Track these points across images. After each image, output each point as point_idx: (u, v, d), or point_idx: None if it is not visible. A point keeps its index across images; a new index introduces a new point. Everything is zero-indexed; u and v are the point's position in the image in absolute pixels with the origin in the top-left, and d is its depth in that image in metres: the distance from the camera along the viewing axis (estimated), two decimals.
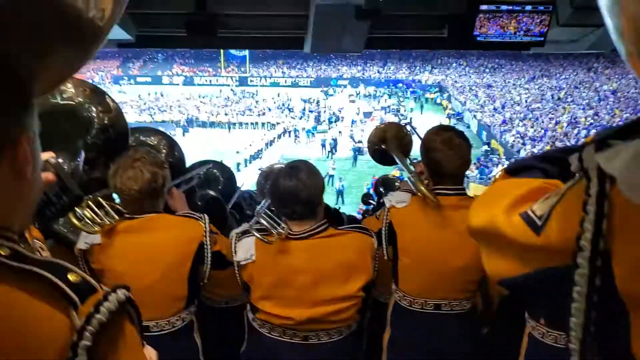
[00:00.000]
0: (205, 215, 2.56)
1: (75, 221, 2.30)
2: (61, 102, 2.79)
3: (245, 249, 2.39)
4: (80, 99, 2.82)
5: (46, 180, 1.27)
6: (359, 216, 17.69)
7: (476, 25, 8.08)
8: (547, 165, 1.15)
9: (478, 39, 8.17)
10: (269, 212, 2.45)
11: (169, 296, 2.45)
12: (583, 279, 0.85)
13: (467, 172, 2.63)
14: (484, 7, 7.93)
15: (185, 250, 2.45)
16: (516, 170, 1.23)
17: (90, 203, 2.39)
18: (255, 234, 2.34)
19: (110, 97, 2.98)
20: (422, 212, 2.58)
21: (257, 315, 2.43)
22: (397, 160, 3.40)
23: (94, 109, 2.85)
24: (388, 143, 3.54)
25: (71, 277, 0.86)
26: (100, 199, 2.45)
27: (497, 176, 1.30)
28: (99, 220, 2.36)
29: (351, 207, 22.73)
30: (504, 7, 7.89)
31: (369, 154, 3.78)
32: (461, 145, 2.54)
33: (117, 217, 2.44)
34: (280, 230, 2.34)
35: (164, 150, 3.91)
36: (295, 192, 2.29)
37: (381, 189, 5.61)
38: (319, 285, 2.34)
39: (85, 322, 0.83)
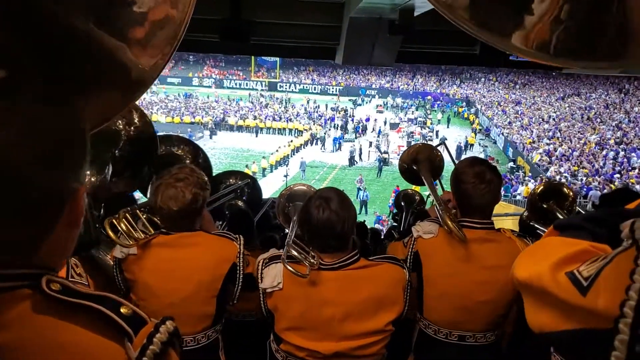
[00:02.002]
0: (241, 236, 2.55)
1: (111, 233, 2.33)
2: None
3: (272, 276, 2.29)
4: None
5: None
6: (380, 226, 17.63)
7: None
8: (597, 227, 1.14)
9: (511, 57, 8.18)
10: (298, 241, 2.34)
11: (197, 313, 2.44)
12: (623, 345, 0.87)
13: None
14: None
15: (217, 270, 2.45)
16: (565, 226, 1.23)
17: (127, 215, 2.41)
18: (288, 267, 2.21)
19: (139, 108, 3.03)
20: (449, 244, 2.54)
21: (281, 346, 2.33)
22: (427, 185, 3.36)
23: (120, 121, 2.90)
24: (420, 165, 3.53)
25: (123, 310, 0.91)
26: (138, 212, 2.48)
27: (547, 231, 1.29)
28: (134, 234, 2.38)
29: (374, 217, 22.74)
30: None
31: (399, 171, 3.78)
32: (493, 180, 2.50)
33: (152, 230, 2.45)
34: (312, 261, 2.23)
35: (188, 160, 3.99)
36: (329, 225, 2.20)
37: (402, 203, 5.67)
38: (348, 318, 2.24)
39: (140, 353, 0.89)
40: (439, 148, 3.75)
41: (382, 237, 6.12)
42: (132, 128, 2.95)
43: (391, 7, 7.69)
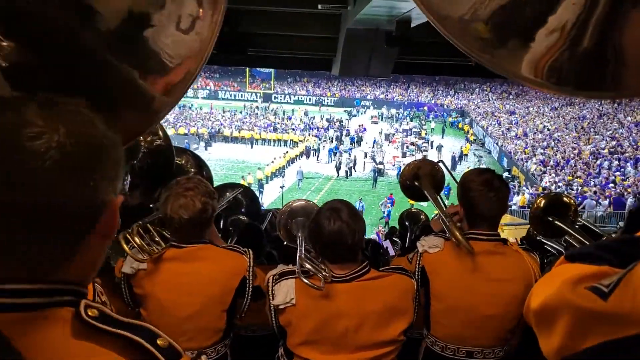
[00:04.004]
0: (250, 250, 2.57)
1: (126, 248, 2.34)
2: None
3: (284, 293, 2.26)
4: None
5: None
6: (375, 236, 17.59)
7: None
8: (609, 255, 1.12)
9: None
10: (308, 255, 2.36)
11: (207, 328, 2.45)
12: None
13: None
14: None
15: (228, 284, 2.46)
16: (577, 257, 1.20)
17: (140, 230, 2.43)
18: (305, 280, 2.19)
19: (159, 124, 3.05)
20: (456, 258, 2.52)
21: None
22: (431, 201, 3.35)
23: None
24: (422, 180, 3.53)
25: (160, 342, 0.90)
26: (148, 225, 2.49)
27: (557, 261, 1.26)
28: (147, 248, 2.39)
29: (369, 228, 22.75)
30: None
31: (401, 189, 3.77)
32: (500, 188, 2.48)
33: (163, 244, 2.46)
34: (326, 274, 2.22)
35: (192, 171, 4.00)
36: (340, 236, 2.19)
37: (406, 223, 5.62)
38: (362, 330, 2.23)
39: None
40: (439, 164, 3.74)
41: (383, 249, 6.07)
42: (150, 141, 2.98)
43: (388, 19, 7.75)
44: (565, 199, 3.49)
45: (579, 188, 22.73)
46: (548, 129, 38.00)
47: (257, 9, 8.66)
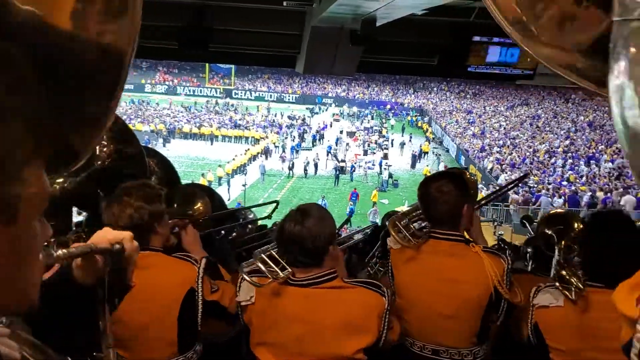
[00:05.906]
0: (203, 259, 2.44)
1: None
2: None
3: (246, 290, 2.27)
4: None
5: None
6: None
7: (469, 55, 8.28)
8: None
9: (469, 69, 8.38)
10: (274, 254, 2.27)
11: (161, 339, 2.34)
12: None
13: None
14: (476, 38, 8.17)
15: (174, 294, 2.34)
16: None
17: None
18: (244, 275, 2.17)
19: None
20: (412, 255, 2.58)
21: None
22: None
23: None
24: None
25: None
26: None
27: None
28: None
29: None
30: (495, 39, 8.12)
31: None
32: (450, 192, 2.51)
33: None
34: (281, 274, 2.17)
35: (156, 169, 3.84)
36: (298, 239, 2.13)
37: (387, 223, 5.63)
38: (314, 339, 2.16)
39: None
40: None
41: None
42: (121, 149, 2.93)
43: (353, 18, 7.78)
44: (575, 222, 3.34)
45: (535, 186, 23.30)
46: (504, 128, 38.86)
47: (222, 4, 8.56)
